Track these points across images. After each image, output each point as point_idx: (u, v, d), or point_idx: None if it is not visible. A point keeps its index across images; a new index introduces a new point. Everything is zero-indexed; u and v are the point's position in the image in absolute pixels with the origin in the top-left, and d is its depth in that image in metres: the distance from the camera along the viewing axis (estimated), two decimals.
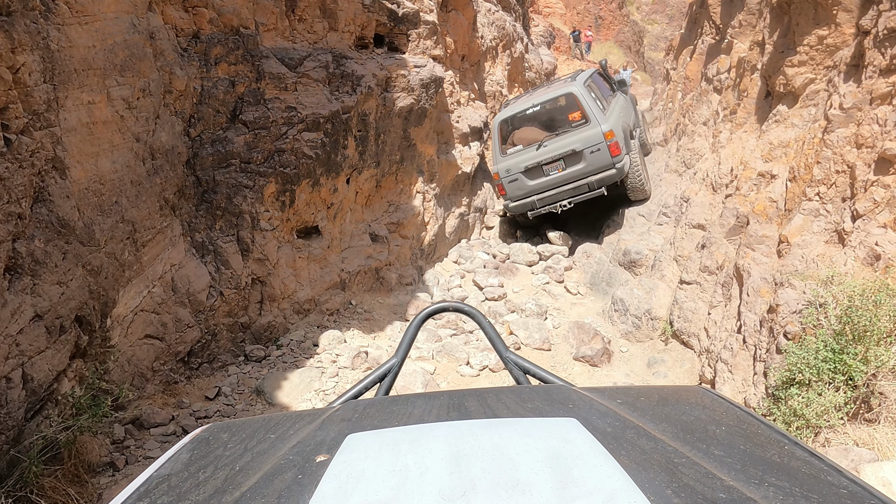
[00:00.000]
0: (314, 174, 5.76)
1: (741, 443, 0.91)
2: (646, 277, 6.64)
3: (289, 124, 5.55)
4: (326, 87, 5.97)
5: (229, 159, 5.09)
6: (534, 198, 7.89)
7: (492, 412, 1.07)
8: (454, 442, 0.84)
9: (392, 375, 1.51)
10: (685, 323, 5.69)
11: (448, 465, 0.77)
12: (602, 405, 1.05)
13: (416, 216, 7.40)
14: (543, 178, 7.82)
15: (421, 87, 7.10)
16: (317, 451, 0.89)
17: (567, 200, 7.85)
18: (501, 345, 1.56)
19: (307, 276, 5.84)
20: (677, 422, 0.99)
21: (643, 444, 0.86)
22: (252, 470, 0.87)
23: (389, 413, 1.09)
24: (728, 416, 1.03)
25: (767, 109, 6.91)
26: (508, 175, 7.96)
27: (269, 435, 1.03)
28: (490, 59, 10.97)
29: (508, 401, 1.12)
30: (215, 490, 0.82)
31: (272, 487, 0.79)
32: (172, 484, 0.88)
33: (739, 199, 5.96)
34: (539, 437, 0.83)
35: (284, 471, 0.83)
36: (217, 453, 0.98)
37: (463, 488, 0.71)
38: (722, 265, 5.66)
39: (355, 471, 0.77)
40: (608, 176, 7.67)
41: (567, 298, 7.12)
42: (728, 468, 0.80)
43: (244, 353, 5.05)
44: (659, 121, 12.76)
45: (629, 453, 0.82)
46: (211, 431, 1.11)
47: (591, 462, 0.75)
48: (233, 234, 5.07)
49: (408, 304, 6.68)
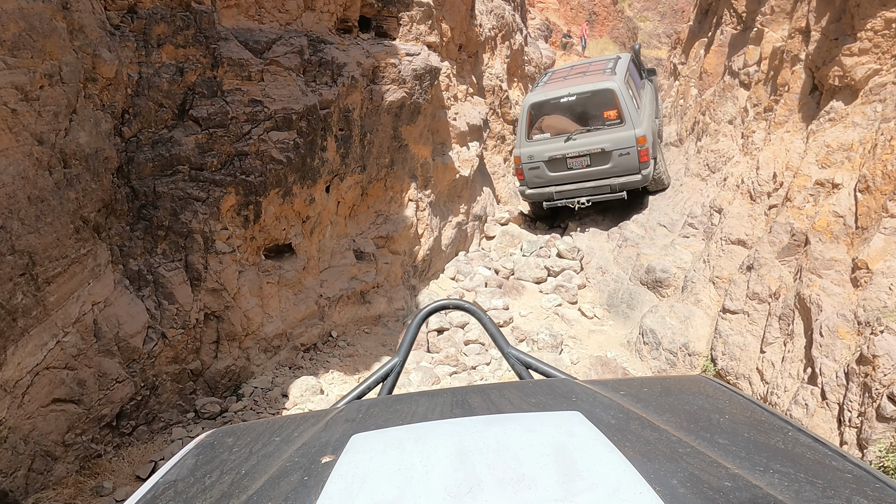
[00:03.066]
0: (285, 182, 4.75)
1: (745, 430, 0.91)
2: (676, 302, 5.69)
3: (253, 122, 4.53)
4: (301, 78, 4.96)
5: (176, 165, 4.07)
6: (552, 189, 7.64)
7: (495, 408, 1.05)
8: (458, 439, 0.84)
9: (394, 375, 1.51)
10: (732, 361, 4.75)
11: (453, 463, 0.77)
12: (605, 397, 1.04)
13: (409, 228, 6.41)
14: (566, 172, 7.54)
15: (414, 79, 6.10)
16: (322, 452, 0.89)
17: (586, 198, 7.55)
18: (503, 340, 1.58)
19: (277, 305, 4.83)
20: (681, 411, 0.99)
21: (647, 435, 0.86)
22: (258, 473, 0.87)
23: (393, 412, 1.08)
24: (731, 405, 1.03)
25: (815, 106, 5.98)
26: (530, 162, 7.69)
27: (273, 438, 1.02)
28: (489, 51, 9.98)
29: (512, 396, 1.11)
30: (222, 494, 0.82)
31: (278, 490, 0.79)
32: (179, 489, 0.87)
33: (793, 213, 5.03)
34: (543, 432, 0.84)
35: (290, 473, 0.84)
36: (222, 458, 0.98)
37: (469, 485, 0.71)
38: (776, 292, 4.72)
39: (361, 471, 0.77)
40: (632, 181, 7.33)
41: (583, 324, 6.16)
42: (733, 456, 0.80)
43: (194, 408, 4.03)
44: (669, 119, 11.84)
45: (634, 444, 0.82)
46: (216, 436, 1.10)
47: (596, 455, 0.76)
48: (179, 259, 4.05)
49: (398, 333, 5.69)
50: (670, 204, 7.76)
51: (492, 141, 9.78)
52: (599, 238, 7.83)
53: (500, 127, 10.05)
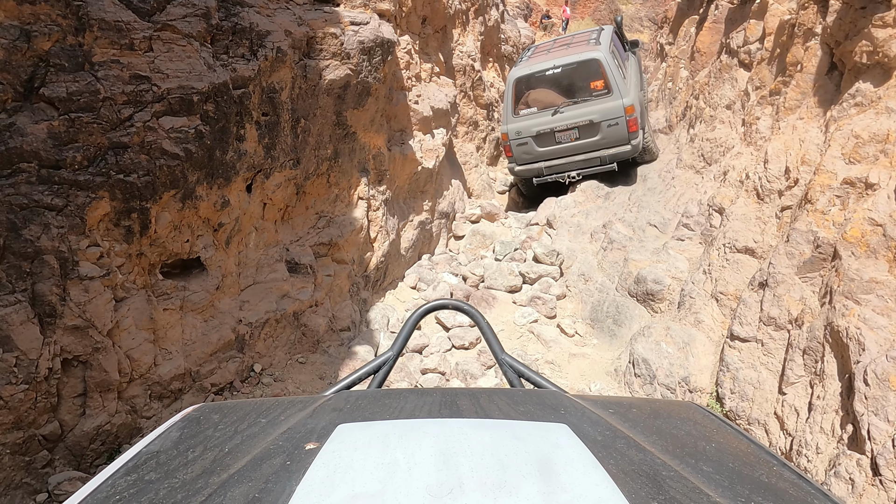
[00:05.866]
0: (184, 182, 3.72)
1: (730, 460, 0.91)
2: (672, 321, 4.80)
3: (136, 104, 3.48)
4: (206, 49, 3.91)
5: (16, 163, 3.02)
6: (541, 164, 7.55)
7: (483, 412, 1.05)
8: (444, 439, 0.84)
9: (386, 368, 1.52)
10: (743, 402, 3.88)
11: (436, 462, 0.77)
12: (594, 413, 1.05)
13: (358, 231, 5.41)
14: (554, 146, 7.44)
15: (361, 54, 5.07)
16: (307, 439, 0.88)
17: (576, 172, 7.46)
18: (497, 346, 1.59)
19: (179, 337, 3.83)
20: (668, 435, 0.99)
21: (632, 455, 0.86)
22: (241, 453, 0.87)
23: (381, 406, 1.08)
24: (719, 434, 1.03)
25: (833, 89, 5.09)
26: (518, 138, 7.52)
27: (259, 419, 1.02)
28: (460, 26, 8.93)
29: (501, 402, 1.11)
30: (203, 470, 0.82)
31: (260, 471, 0.79)
32: (161, 461, 0.87)
33: (815, 218, 4.14)
34: (529, 441, 0.84)
35: (273, 456, 0.83)
36: (207, 434, 0.97)
37: (450, 486, 0.71)
38: (798, 318, 3.84)
39: (344, 461, 0.77)
40: (622, 152, 7.22)
41: (563, 345, 5.25)
42: (716, 484, 0.80)
43: (47, 487, 3.03)
44: (656, 103, 10.93)
45: (618, 463, 0.81)
46: (202, 411, 1.10)
47: (580, 469, 0.76)
48: (23, 289, 3.01)
49: (342, 361, 4.72)
50: (661, 200, 6.86)
51: (462, 127, 8.78)
52: (581, 239, 6.91)
53: (473, 111, 9.04)
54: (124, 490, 0.79)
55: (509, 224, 7.78)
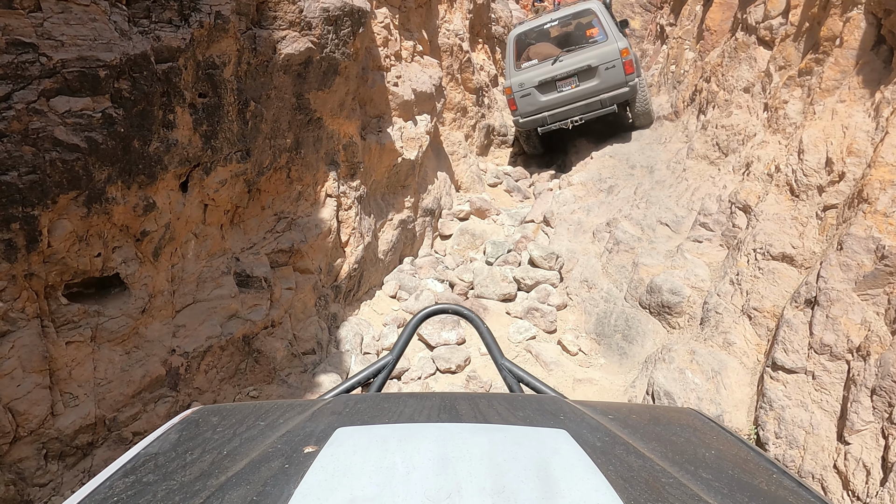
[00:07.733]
0: (88, 181, 2.90)
1: (730, 468, 0.90)
2: (696, 341, 4.06)
3: (16, 80, 2.66)
4: (119, 10, 3.07)
5: None
6: (545, 114, 7.87)
7: (482, 417, 1.04)
8: (443, 443, 0.84)
9: (386, 372, 1.51)
10: (792, 449, 3.15)
11: (435, 467, 0.77)
12: (593, 419, 1.04)
13: (326, 234, 4.62)
14: (556, 94, 7.80)
15: (325, 24, 4.24)
16: (305, 442, 0.88)
17: (578, 116, 7.82)
18: (497, 351, 1.58)
19: (89, 376, 3.03)
20: (667, 442, 0.98)
21: (631, 461, 0.85)
22: (239, 455, 0.86)
23: (380, 410, 1.06)
24: (718, 441, 1.02)
25: (881, 67, 4.35)
26: (521, 90, 7.86)
27: (258, 422, 1.02)
28: (446, 2, 8.09)
29: (500, 407, 1.10)
30: (201, 472, 0.82)
31: (258, 474, 0.78)
32: (159, 463, 0.87)
33: (876, 222, 3.40)
34: (528, 446, 0.84)
35: (272, 459, 0.83)
36: (206, 436, 0.97)
37: (448, 490, 0.71)
38: (861, 347, 3.11)
39: (342, 465, 0.77)
40: (621, 94, 7.63)
41: (566, 368, 4.50)
42: (715, 492, 0.79)
43: None
44: (658, 88, 10.16)
45: (617, 469, 0.81)
46: (201, 414, 1.09)
47: (579, 475, 0.75)
48: None
49: (304, 393, 3.94)
50: (672, 195, 6.11)
51: (449, 113, 7.97)
52: (583, 239, 6.16)
53: (461, 96, 8.22)
54: (122, 491, 0.79)
55: (502, 221, 7.01)
